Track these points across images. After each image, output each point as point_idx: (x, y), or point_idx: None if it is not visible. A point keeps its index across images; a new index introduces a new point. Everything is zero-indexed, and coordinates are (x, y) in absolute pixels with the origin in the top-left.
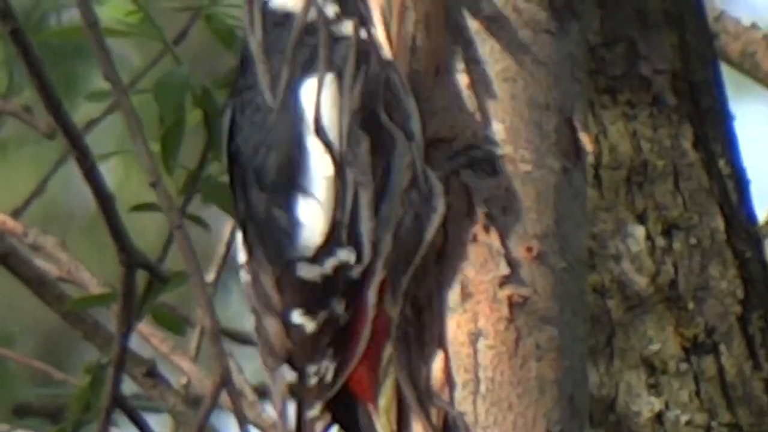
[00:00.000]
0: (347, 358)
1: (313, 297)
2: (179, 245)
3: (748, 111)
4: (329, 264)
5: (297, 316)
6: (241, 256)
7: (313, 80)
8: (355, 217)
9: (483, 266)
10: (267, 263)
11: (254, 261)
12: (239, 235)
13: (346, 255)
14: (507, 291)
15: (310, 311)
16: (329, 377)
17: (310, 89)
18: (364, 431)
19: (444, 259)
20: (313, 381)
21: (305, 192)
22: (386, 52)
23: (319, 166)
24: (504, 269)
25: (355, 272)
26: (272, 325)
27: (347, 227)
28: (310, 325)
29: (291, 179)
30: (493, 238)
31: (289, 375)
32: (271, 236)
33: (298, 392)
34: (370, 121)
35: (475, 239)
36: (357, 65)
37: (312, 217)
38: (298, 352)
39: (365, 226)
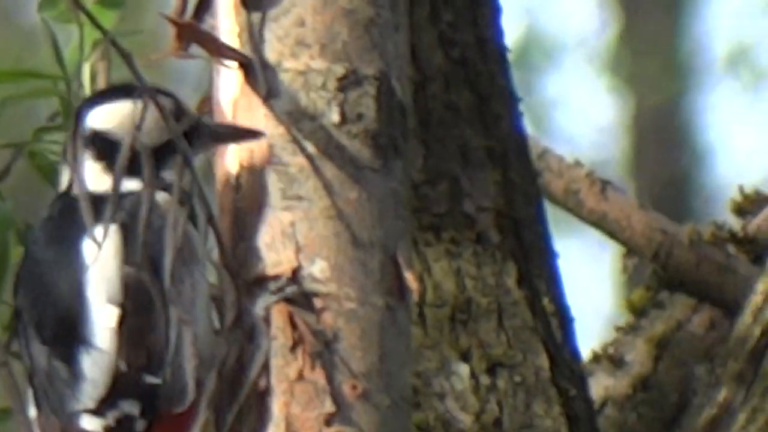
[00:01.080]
0: None
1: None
2: (3, 381)
3: (572, 248)
4: (111, 416)
5: None
6: (31, 412)
7: (98, 230)
8: (160, 360)
9: (308, 404)
10: (52, 416)
11: (42, 415)
12: (29, 391)
13: (128, 407)
14: (333, 429)
15: (96, 412)
16: None
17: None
18: None
19: (269, 395)
20: None
21: (87, 344)
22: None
23: (101, 317)
24: (329, 407)
25: (139, 425)
26: None
27: (133, 377)
28: None
29: (72, 331)
30: (318, 376)
31: None
32: (54, 389)
33: None
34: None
35: (300, 376)
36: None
37: (94, 368)
38: None
39: (189, 365)
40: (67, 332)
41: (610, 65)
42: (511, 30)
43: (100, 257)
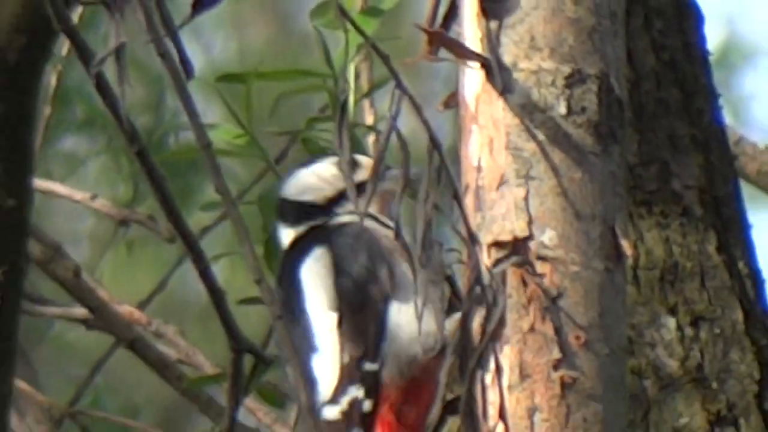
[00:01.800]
0: None
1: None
2: (279, 334)
3: (764, 221)
4: (344, 401)
5: None
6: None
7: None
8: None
9: (539, 351)
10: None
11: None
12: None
13: (355, 391)
14: (559, 373)
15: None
16: None
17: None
18: None
19: (505, 344)
20: None
21: (317, 348)
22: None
23: (324, 322)
24: (557, 354)
25: (366, 405)
26: None
27: (355, 366)
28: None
29: (307, 341)
30: (548, 328)
31: None
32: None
33: None
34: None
35: (532, 329)
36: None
37: (326, 366)
38: None
39: (438, 318)
40: (305, 339)
41: None
42: (713, 35)
43: (316, 274)
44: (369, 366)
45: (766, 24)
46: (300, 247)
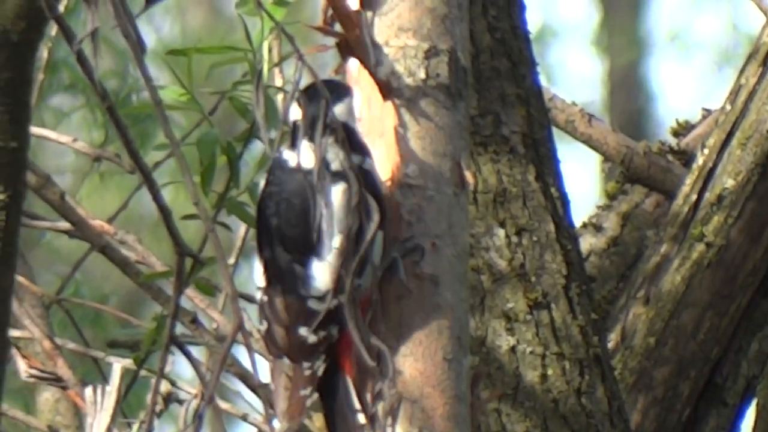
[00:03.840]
0: (336, 359)
1: (317, 321)
2: (212, 241)
3: (568, 157)
4: (332, 303)
5: (303, 331)
6: (259, 282)
7: (338, 187)
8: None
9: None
10: (281, 293)
11: (270, 288)
12: (259, 266)
13: (342, 299)
14: (419, 270)
15: (314, 330)
16: (320, 371)
17: (335, 193)
18: (341, 397)
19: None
20: (307, 372)
21: (321, 256)
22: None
23: (332, 241)
24: (417, 257)
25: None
26: (279, 332)
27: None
28: (312, 338)
29: (310, 247)
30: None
31: (287, 365)
32: (290, 279)
33: (294, 378)
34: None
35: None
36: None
37: (324, 272)
38: (298, 353)
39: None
40: (306, 247)
41: (591, 39)
42: (533, 19)
43: (335, 204)
44: (358, 281)
45: (570, 10)
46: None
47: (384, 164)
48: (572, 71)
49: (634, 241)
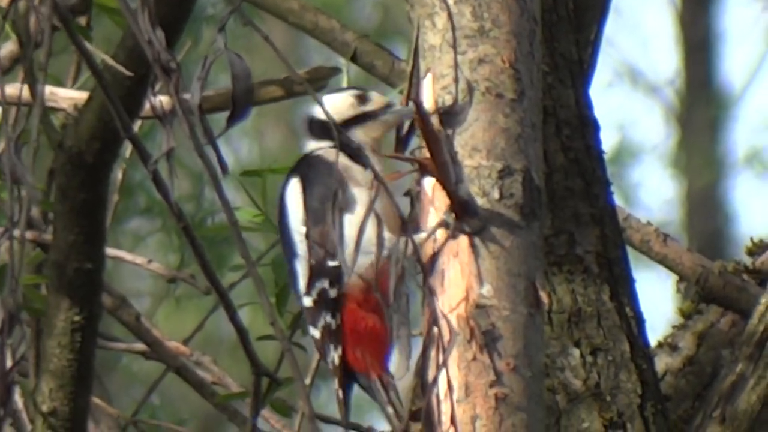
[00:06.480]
0: (343, 342)
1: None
2: (288, 361)
3: (644, 277)
4: (314, 292)
5: (311, 330)
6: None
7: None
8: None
9: (479, 375)
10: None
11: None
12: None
13: (321, 284)
14: (494, 390)
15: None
16: (336, 362)
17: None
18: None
19: (454, 369)
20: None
21: (295, 253)
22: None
23: (297, 234)
24: (492, 376)
25: (332, 293)
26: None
27: (321, 264)
28: (316, 333)
29: (291, 247)
30: (485, 358)
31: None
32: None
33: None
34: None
35: (474, 358)
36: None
37: (301, 266)
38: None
39: (348, 254)
40: (289, 248)
41: (669, 159)
42: (607, 139)
43: (292, 199)
44: (331, 263)
45: (647, 131)
46: (293, 170)
47: (458, 284)
48: (650, 192)
49: (709, 361)
